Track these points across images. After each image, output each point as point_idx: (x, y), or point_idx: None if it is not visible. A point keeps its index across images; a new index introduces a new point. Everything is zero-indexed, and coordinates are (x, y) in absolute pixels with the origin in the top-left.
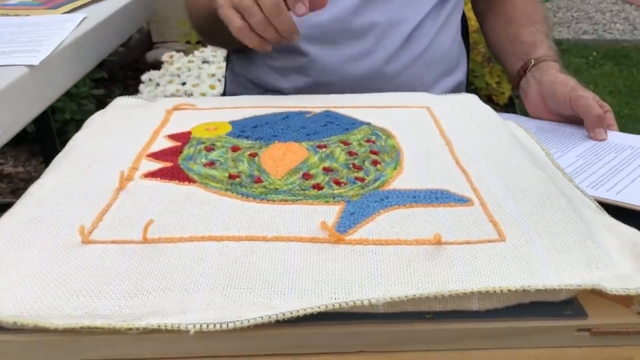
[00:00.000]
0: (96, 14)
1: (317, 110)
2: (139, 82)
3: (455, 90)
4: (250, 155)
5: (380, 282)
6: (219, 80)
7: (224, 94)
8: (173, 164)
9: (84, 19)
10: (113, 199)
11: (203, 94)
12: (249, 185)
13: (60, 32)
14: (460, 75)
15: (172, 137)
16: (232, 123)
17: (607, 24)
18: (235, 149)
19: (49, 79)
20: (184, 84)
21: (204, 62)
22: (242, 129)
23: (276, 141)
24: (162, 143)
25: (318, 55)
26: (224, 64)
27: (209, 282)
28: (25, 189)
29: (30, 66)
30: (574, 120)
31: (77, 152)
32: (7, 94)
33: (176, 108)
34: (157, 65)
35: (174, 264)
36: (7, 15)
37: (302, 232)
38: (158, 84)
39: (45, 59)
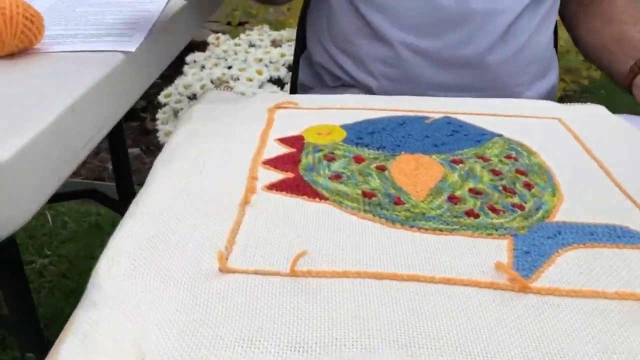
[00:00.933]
0: None
1: (436, 116)
2: (179, 62)
3: (549, 93)
4: (377, 168)
5: (595, 351)
6: (266, 66)
7: (294, 83)
8: (295, 174)
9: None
10: (240, 215)
11: (250, 80)
12: (390, 207)
13: (149, 14)
14: (553, 78)
15: (283, 141)
16: (345, 127)
17: None
18: (358, 159)
19: (143, 66)
20: (229, 67)
21: (251, 45)
22: (358, 135)
23: (402, 152)
24: (275, 148)
25: (411, 43)
26: (271, 49)
27: (387, 337)
28: None
29: (126, 53)
30: None
31: (184, 155)
32: (107, 83)
33: (278, 106)
34: (194, 45)
35: (336, 308)
36: None
37: (475, 274)
38: (203, 67)
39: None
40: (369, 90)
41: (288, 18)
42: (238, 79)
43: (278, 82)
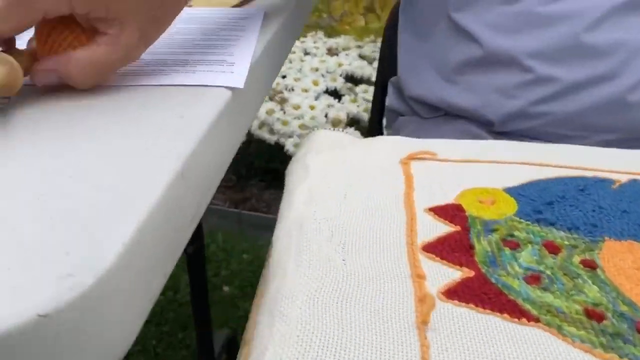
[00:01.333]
0: (271, 7)
1: (622, 178)
2: None
3: None
4: (583, 264)
5: None
6: (322, 76)
7: (378, 104)
8: (475, 272)
9: (265, 15)
10: (424, 347)
11: (305, 90)
12: (634, 337)
13: (247, 36)
14: None
15: (438, 213)
16: (511, 193)
17: None
18: (552, 247)
19: (247, 102)
20: (284, 77)
21: (306, 53)
22: (535, 206)
23: (605, 237)
24: (429, 223)
25: (543, 73)
26: (327, 58)
27: None
28: None
29: (232, 89)
30: None
31: (314, 233)
32: (214, 131)
33: (412, 157)
34: None
35: None
36: None
37: None
38: None
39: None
40: (485, 123)
41: (342, 24)
42: (293, 90)
43: (335, 94)
